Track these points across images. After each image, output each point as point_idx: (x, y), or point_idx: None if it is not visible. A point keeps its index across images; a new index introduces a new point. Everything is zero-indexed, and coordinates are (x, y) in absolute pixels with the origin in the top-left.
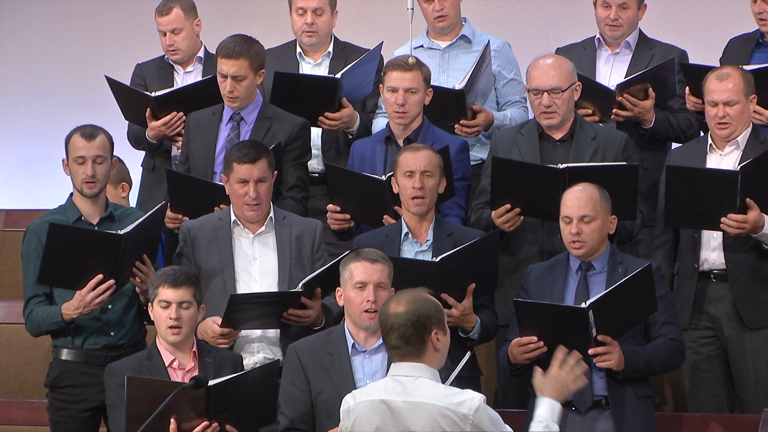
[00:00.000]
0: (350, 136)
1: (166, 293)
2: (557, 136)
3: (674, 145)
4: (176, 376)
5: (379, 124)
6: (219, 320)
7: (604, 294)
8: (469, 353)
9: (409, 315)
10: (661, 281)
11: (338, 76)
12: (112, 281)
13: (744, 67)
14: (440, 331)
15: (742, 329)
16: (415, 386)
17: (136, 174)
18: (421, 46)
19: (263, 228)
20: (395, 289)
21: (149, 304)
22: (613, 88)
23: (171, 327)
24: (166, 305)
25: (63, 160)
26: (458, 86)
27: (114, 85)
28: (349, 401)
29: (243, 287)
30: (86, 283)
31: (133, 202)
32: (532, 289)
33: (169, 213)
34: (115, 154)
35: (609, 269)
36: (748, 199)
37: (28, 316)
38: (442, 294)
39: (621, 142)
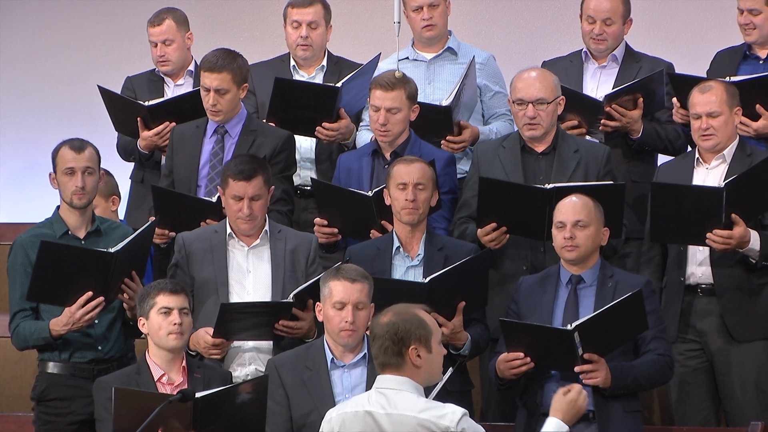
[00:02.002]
0: (346, 149)
1: (167, 300)
2: (539, 149)
3: (661, 158)
4: (165, 391)
5: (362, 137)
6: (211, 330)
7: (591, 317)
8: (451, 369)
9: (389, 327)
10: (651, 296)
11: (338, 84)
12: (101, 298)
13: (731, 78)
14: (422, 347)
15: (729, 343)
16: (398, 399)
17: (124, 186)
18: (407, 57)
19: (258, 241)
20: (384, 308)
21: (140, 317)
22: (601, 99)
23: (173, 332)
24: (167, 311)
25: (50, 174)
26: (445, 102)
27: (106, 94)
28: (331, 413)
29: (236, 299)
30: (75, 300)
31: (121, 214)
32: (522, 301)
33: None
34: (103, 167)
35: (599, 283)
36: (733, 215)
37: (15, 330)
38: (432, 313)
39: (603, 155)
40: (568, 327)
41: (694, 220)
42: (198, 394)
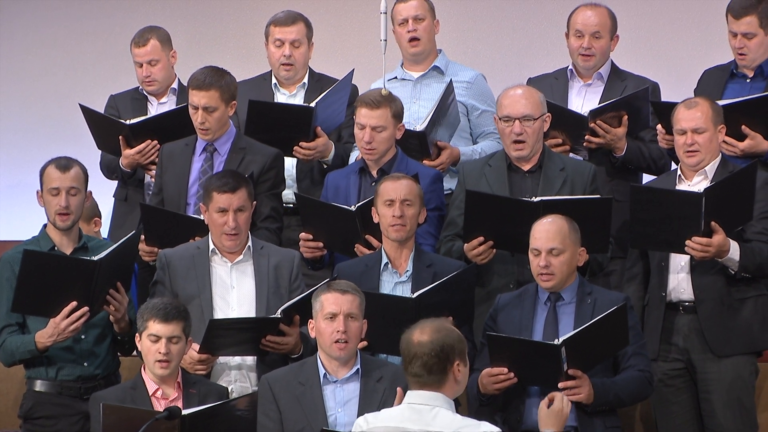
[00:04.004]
0: (325, 166)
1: (156, 327)
2: (526, 167)
3: (645, 177)
4: (159, 406)
5: (356, 155)
6: (196, 346)
7: (578, 331)
8: None
9: (434, 344)
10: (629, 312)
11: (312, 104)
12: (86, 308)
13: (719, 102)
14: (462, 362)
15: (711, 361)
16: (433, 416)
17: (107, 204)
18: (395, 77)
19: (241, 257)
20: (370, 323)
21: (137, 335)
22: (585, 114)
23: (160, 361)
24: (155, 339)
25: (37, 192)
26: (419, 128)
27: (88, 113)
28: (362, 425)
29: (220, 315)
30: (60, 310)
31: (104, 233)
32: (500, 318)
33: (144, 246)
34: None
35: (578, 300)
36: (713, 223)
37: (1, 345)
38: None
39: (589, 173)
40: (556, 342)
41: (673, 227)
42: (185, 411)
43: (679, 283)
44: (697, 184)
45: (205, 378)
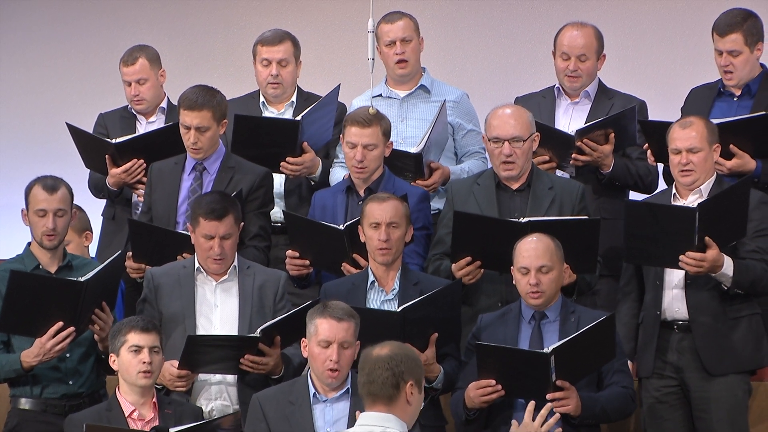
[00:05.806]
0: (313, 183)
1: (137, 338)
2: (514, 186)
3: (632, 195)
4: (136, 427)
5: (336, 174)
6: (176, 362)
7: (567, 340)
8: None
9: (391, 358)
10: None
11: (298, 118)
12: (72, 328)
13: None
14: (416, 385)
15: (706, 379)
16: None
17: (95, 223)
18: (380, 95)
19: (226, 276)
20: (359, 339)
21: (111, 354)
22: (572, 134)
23: (143, 371)
24: (137, 349)
25: (22, 211)
26: (415, 150)
27: (75, 131)
28: None
29: (203, 333)
30: (46, 330)
31: (92, 251)
32: (484, 338)
33: (131, 263)
34: (75, 203)
35: (562, 318)
36: (707, 238)
37: None
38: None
39: (578, 192)
40: (546, 350)
41: (667, 242)
42: (172, 430)
43: (673, 301)
44: (692, 202)
45: (180, 398)
